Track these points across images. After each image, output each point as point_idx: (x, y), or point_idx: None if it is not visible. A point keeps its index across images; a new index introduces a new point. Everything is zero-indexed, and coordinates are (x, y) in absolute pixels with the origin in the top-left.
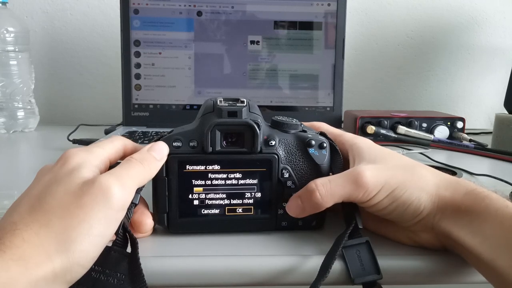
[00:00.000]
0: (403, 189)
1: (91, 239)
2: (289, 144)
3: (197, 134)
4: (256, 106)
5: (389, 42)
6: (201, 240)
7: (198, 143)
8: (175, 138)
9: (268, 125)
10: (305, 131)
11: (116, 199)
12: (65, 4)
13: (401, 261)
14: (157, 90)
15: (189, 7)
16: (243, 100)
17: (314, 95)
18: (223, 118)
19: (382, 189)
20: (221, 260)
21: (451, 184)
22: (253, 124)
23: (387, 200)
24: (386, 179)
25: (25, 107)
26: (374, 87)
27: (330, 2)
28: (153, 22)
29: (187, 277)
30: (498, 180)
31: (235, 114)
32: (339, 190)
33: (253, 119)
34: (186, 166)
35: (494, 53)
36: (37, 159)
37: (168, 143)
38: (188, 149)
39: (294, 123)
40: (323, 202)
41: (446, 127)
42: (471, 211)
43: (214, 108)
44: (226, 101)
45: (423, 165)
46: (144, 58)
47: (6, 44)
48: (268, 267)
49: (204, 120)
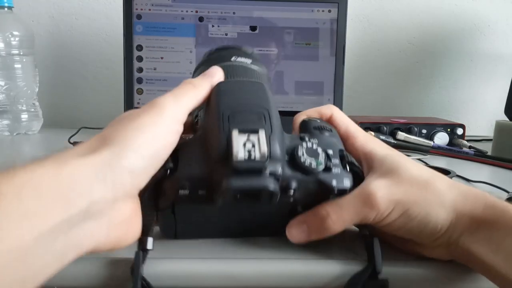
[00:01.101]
0: (418, 209)
1: (143, 135)
2: (309, 190)
3: (207, 184)
4: (276, 121)
5: (390, 49)
6: (204, 242)
7: (208, 190)
8: (182, 184)
9: (287, 161)
10: (330, 168)
11: (170, 111)
12: (70, 9)
13: (407, 268)
14: (158, 94)
15: (191, 12)
16: (263, 141)
17: (314, 101)
18: (239, 183)
19: (394, 209)
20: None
21: (469, 197)
22: (275, 190)
23: (402, 220)
24: (398, 197)
25: (29, 110)
26: (375, 93)
27: (331, 8)
28: (156, 27)
29: (190, 280)
30: (494, 187)
31: (255, 173)
32: (350, 215)
33: (274, 171)
34: (193, 211)
35: (496, 60)
36: None
37: (173, 189)
38: (196, 197)
39: (317, 164)
40: (335, 229)
41: (446, 134)
42: (491, 226)
43: (229, 162)
44: (244, 132)
45: (438, 176)
46: (146, 63)
47: (11, 47)
48: (273, 271)
49: (215, 165)
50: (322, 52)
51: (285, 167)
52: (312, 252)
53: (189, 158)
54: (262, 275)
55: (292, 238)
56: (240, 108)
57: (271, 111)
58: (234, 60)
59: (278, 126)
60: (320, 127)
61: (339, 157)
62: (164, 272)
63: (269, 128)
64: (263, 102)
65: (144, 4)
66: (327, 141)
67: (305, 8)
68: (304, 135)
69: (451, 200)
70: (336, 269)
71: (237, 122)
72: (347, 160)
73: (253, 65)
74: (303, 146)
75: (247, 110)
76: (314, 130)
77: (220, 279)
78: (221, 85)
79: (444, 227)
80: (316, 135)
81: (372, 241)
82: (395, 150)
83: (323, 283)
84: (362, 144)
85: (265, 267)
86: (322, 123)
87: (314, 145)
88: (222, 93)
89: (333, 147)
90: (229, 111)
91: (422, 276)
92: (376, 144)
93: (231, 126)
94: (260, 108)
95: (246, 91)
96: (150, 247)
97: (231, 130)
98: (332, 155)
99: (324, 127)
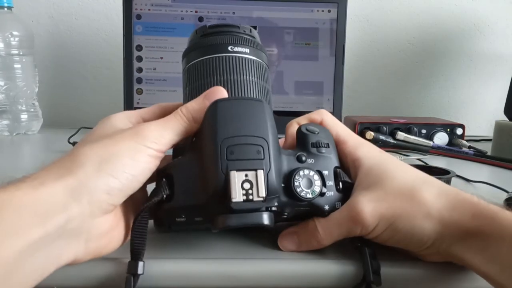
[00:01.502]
0: (403, 222)
1: (122, 161)
2: (302, 211)
3: (203, 212)
4: (274, 151)
5: (390, 49)
6: (202, 242)
7: (203, 218)
8: (179, 214)
9: (283, 187)
10: (324, 193)
11: (152, 144)
12: (70, 9)
13: (405, 268)
14: (158, 94)
15: (191, 12)
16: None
17: (314, 101)
18: (236, 221)
19: (379, 223)
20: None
21: (457, 206)
22: (270, 224)
23: (388, 233)
24: (383, 212)
25: (29, 110)
26: (375, 93)
27: (330, 8)
28: (155, 27)
29: (187, 280)
30: (494, 187)
31: (251, 211)
32: (338, 230)
33: (270, 206)
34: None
35: (496, 60)
36: (37, 161)
37: (170, 217)
38: (193, 222)
39: (312, 193)
40: (323, 243)
41: (446, 134)
42: (482, 234)
43: (227, 201)
44: (242, 171)
45: (426, 183)
46: (146, 63)
47: (11, 47)
48: (272, 271)
49: (213, 196)
50: (322, 52)
51: (281, 195)
52: (310, 252)
53: (185, 186)
54: (261, 275)
55: (283, 248)
56: (238, 141)
57: (269, 140)
58: (231, 50)
59: (276, 154)
60: (318, 144)
61: (334, 176)
62: (162, 272)
63: (268, 163)
64: (261, 130)
65: (143, 4)
66: (324, 161)
67: (305, 8)
68: (301, 155)
69: (437, 210)
70: (333, 269)
71: (235, 159)
72: (340, 179)
73: (251, 54)
74: (300, 175)
75: (245, 143)
76: (311, 148)
77: (217, 279)
78: (219, 106)
79: (431, 238)
80: (313, 154)
81: (365, 251)
82: (385, 154)
83: (321, 283)
84: (351, 151)
85: (264, 267)
86: (319, 136)
87: (310, 171)
88: (220, 117)
89: (329, 167)
90: (226, 144)
91: (420, 277)
92: (365, 149)
93: (229, 165)
94: (259, 138)
95: (244, 115)
96: (140, 271)
97: (229, 171)
98: (327, 176)
99: (322, 143)
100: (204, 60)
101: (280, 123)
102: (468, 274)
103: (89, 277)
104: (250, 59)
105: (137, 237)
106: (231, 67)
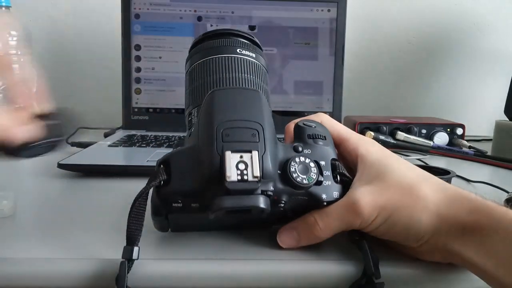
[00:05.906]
0: (400, 214)
1: None
2: (299, 201)
3: (200, 197)
4: (269, 135)
5: (390, 48)
6: (200, 243)
7: (200, 204)
8: (175, 198)
9: (279, 174)
10: (321, 181)
11: None
12: (68, 9)
13: (404, 268)
14: (157, 94)
15: (190, 12)
16: (256, 158)
17: (313, 100)
18: (231, 202)
19: (378, 216)
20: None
21: (454, 202)
22: (266, 207)
23: (386, 226)
24: (381, 204)
25: None
26: (375, 93)
27: (330, 8)
28: (154, 26)
29: (186, 281)
30: (494, 188)
31: (247, 193)
32: (337, 223)
33: (265, 190)
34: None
35: (496, 60)
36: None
37: (166, 202)
38: (189, 209)
39: (309, 180)
40: (323, 236)
41: (446, 134)
42: (479, 230)
43: (222, 182)
44: (237, 152)
45: (426, 179)
46: (145, 62)
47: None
48: (271, 271)
49: (209, 182)
50: (322, 52)
51: (277, 181)
52: (308, 253)
53: (182, 171)
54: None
55: (283, 244)
56: (234, 125)
57: (264, 125)
58: (239, 52)
59: (271, 140)
60: (314, 135)
61: (331, 167)
62: (162, 273)
63: (263, 146)
64: (257, 116)
65: (142, 3)
66: (320, 152)
67: (304, 7)
68: (297, 145)
69: (434, 204)
70: (333, 269)
71: (230, 141)
72: (338, 171)
73: (256, 59)
74: (295, 162)
75: (241, 127)
76: (308, 140)
77: (217, 280)
78: (216, 94)
79: (428, 232)
80: (310, 145)
81: (364, 244)
82: (387, 151)
83: (320, 283)
84: (354, 147)
85: (263, 268)
86: (316, 129)
87: (307, 159)
88: (216, 104)
89: (325, 157)
90: (222, 127)
91: (419, 277)
92: (368, 146)
93: (225, 147)
94: (254, 123)
95: (240, 102)
96: (135, 257)
97: (225, 151)
98: (324, 166)
99: (318, 135)
100: (210, 59)
101: (280, 123)
102: (468, 274)
103: (81, 277)
104: (254, 62)
105: (134, 222)
106: (233, 66)
